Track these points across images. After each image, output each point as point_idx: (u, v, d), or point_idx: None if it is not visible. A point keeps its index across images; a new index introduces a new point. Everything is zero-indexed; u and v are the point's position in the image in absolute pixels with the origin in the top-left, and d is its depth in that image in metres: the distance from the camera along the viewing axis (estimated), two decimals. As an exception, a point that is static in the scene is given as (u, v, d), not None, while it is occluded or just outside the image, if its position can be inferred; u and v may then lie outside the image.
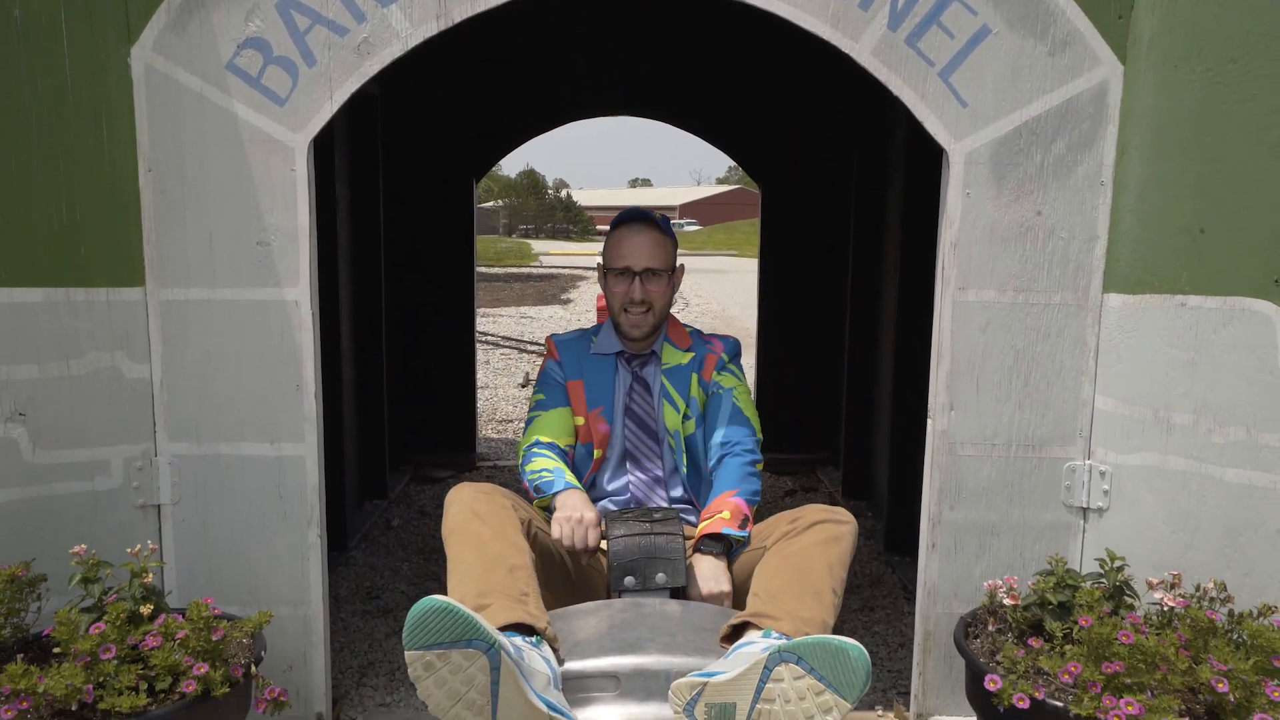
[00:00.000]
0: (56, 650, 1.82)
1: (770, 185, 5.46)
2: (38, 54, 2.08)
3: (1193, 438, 2.15)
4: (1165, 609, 1.96)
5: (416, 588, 3.65)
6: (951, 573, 2.42)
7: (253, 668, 1.93)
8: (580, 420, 2.31)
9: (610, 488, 2.32)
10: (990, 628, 2.15)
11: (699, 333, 2.42)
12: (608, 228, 2.40)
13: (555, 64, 5.20)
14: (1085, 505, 2.36)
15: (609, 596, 2.07)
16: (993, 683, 1.87)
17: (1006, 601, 2.10)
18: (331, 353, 3.83)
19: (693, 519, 2.28)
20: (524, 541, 1.92)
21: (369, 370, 4.50)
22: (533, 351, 10.48)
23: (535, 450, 2.25)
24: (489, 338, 11.25)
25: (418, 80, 4.91)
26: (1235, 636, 1.88)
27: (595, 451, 2.30)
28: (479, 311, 5.60)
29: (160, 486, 2.32)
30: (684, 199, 68.29)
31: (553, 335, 2.44)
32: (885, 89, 2.27)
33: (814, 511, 2.04)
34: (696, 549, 2.11)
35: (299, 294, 2.29)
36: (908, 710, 2.59)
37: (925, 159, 2.95)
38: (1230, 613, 1.92)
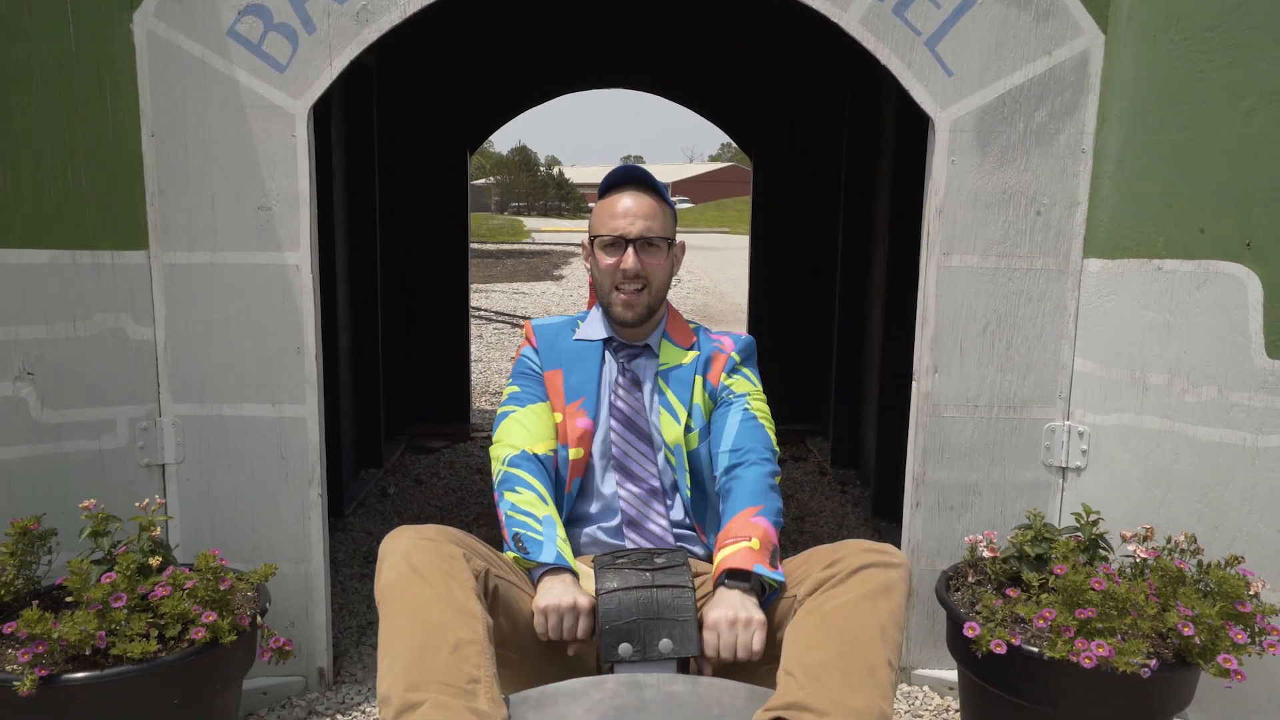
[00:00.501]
0: (69, 599, 1.88)
1: (762, 158, 5.51)
2: (41, 19, 2.11)
3: (1167, 398, 2.22)
4: (1138, 560, 2.04)
5: (413, 552, 3.71)
6: (935, 530, 2.50)
7: (258, 618, 1.99)
8: (559, 417, 1.91)
9: (594, 508, 1.88)
10: (970, 579, 2.23)
11: (705, 329, 2.01)
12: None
13: (549, 36, 5.22)
14: (1064, 465, 2.44)
15: (598, 668, 1.64)
16: (971, 630, 1.95)
17: (986, 555, 2.18)
18: (328, 321, 3.88)
19: (697, 550, 1.88)
20: (476, 605, 1.50)
21: (364, 339, 4.56)
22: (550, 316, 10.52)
23: (514, 473, 1.80)
24: (482, 312, 11.30)
25: (413, 52, 4.93)
26: (1203, 585, 1.96)
27: (573, 451, 1.87)
28: (471, 287, 5.64)
29: (165, 446, 2.38)
30: (676, 176, 68.09)
31: (531, 320, 2.04)
32: (874, 59, 2.32)
33: (856, 551, 1.58)
34: (719, 583, 1.65)
35: (300, 258, 2.34)
36: (892, 664, 2.68)
37: (914, 129, 3.01)
38: (1199, 564, 2.00)
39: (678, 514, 1.88)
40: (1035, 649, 1.90)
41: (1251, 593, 1.88)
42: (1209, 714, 2.24)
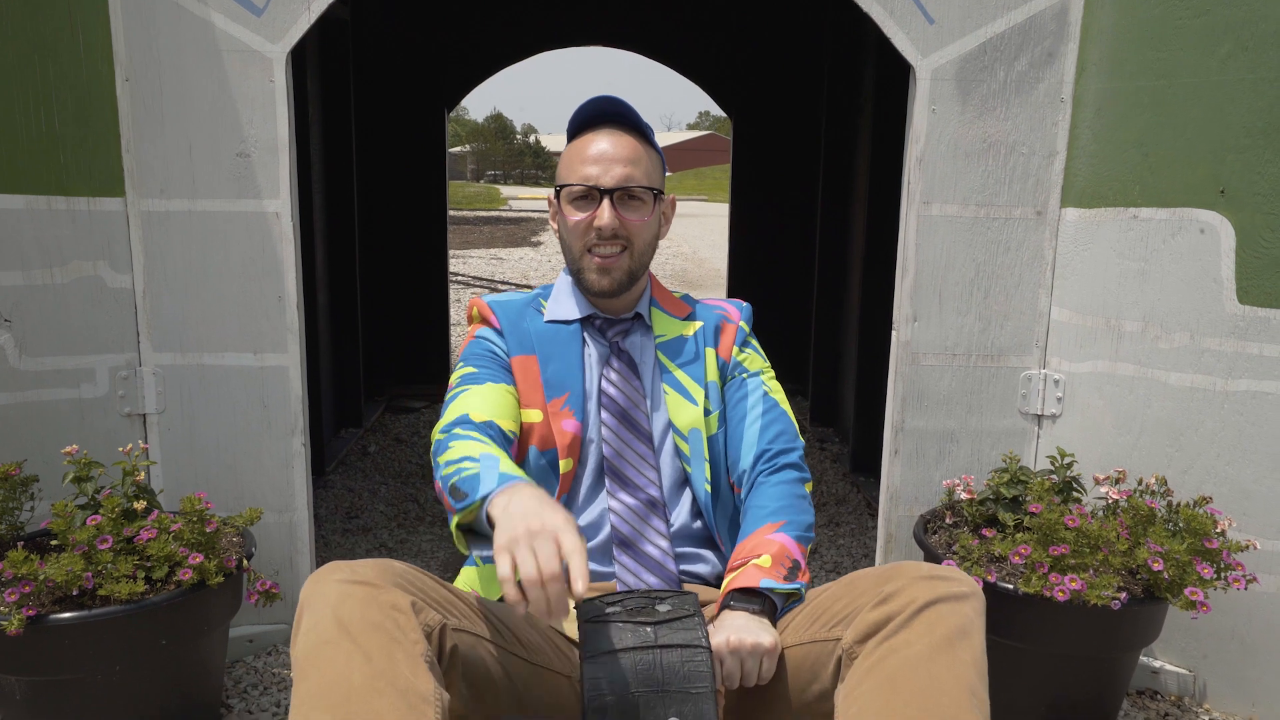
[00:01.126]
0: (54, 543, 1.88)
1: (742, 116, 5.50)
2: (11, -42, 2.07)
3: (1141, 344, 2.26)
4: (1110, 501, 2.09)
5: (395, 508, 3.73)
6: (913, 477, 2.54)
7: (245, 561, 2.00)
8: (535, 416, 1.51)
9: (580, 523, 1.50)
10: (948, 522, 2.27)
11: (692, 297, 1.71)
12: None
13: (527, -8, 5.16)
14: (1040, 412, 2.48)
15: None
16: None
17: (963, 497, 2.22)
18: (307, 278, 3.86)
19: (702, 570, 1.53)
20: (427, 682, 1.10)
21: (343, 297, 4.53)
22: (504, 291, 10.49)
23: (459, 432, 1.40)
24: (460, 277, 11.24)
25: (389, 5, 4.86)
26: (1172, 524, 2.01)
27: (562, 463, 1.48)
28: (449, 253, 5.62)
29: (145, 396, 2.37)
30: (654, 144, 67.48)
31: (482, 296, 1.64)
32: (856, 7, 2.32)
33: (914, 581, 1.23)
34: (724, 605, 1.39)
35: (280, 206, 2.32)
36: (869, 610, 2.73)
37: (895, 83, 3.01)
38: (1169, 504, 2.06)
39: (682, 518, 1.52)
40: (1010, 585, 1.94)
41: (1219, 530, 1.93)
42: (1175, 652, 2.31)
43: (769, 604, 1.37)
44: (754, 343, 1.69)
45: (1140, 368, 2.27)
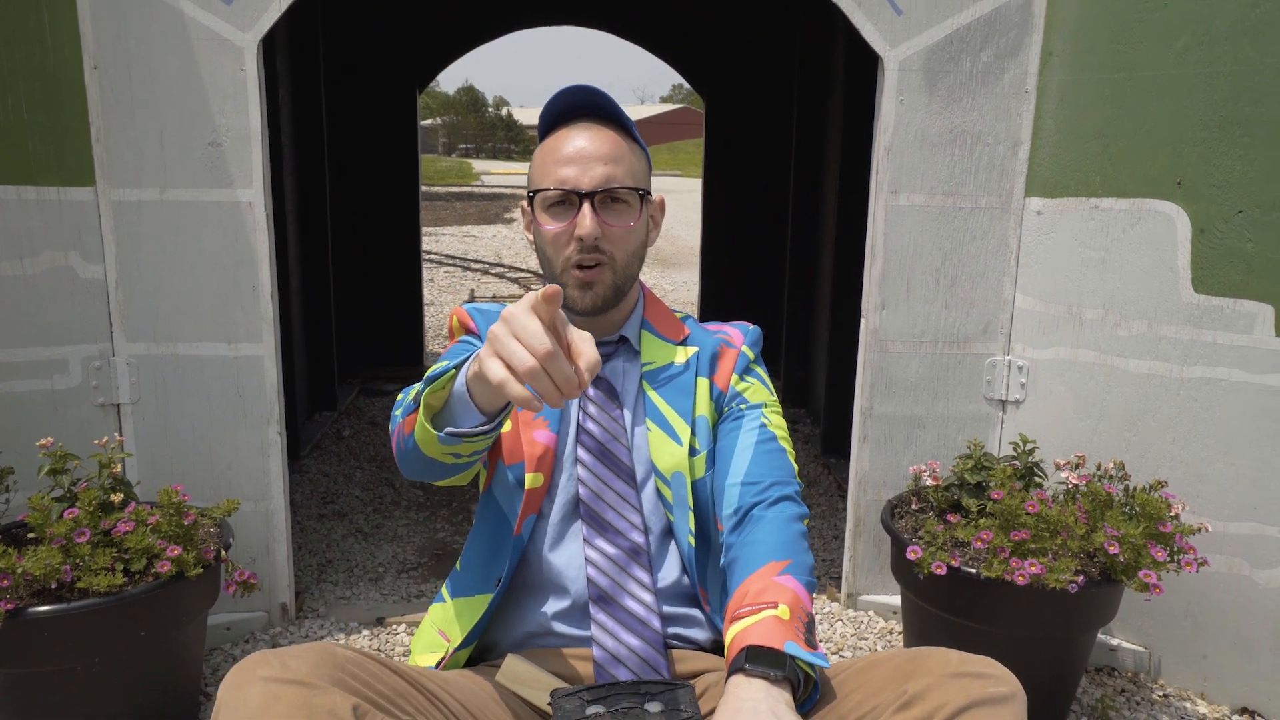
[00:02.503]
0: (30, 536, 1.89)
1: (714, 97, 5.51)
2: (-26, -54, 2.04)
3: (1101, 331, 2.32)
4: (1070, 486, 2.15)
5: (370, 493, 3.75)
6: (881, 462, 2.59)
7: (223, 551, 2.02)
8: (504, 425, 1.27)
9: (544, 575, 1.32)
10: (914, 507, 2.33)
11: (694, 320, 1.50)
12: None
13: (498, -29, 5.13)
14: (1004, 398, 2.54)
15: None
16: (913, 553, 2.05)
17: (929, 483, 2.28)
18: (279, 262, 3.84)
19: (696, 635, 1.33)
20: None
21: (316, 281, 4.52)
22: (477, 269, 10.46)
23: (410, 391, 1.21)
24: (432, 256, 11.19)
25: (357, -14, 4.82)
26: (1129, 508, 2.08)
27: (530, 477, 1.31)
28: (421, 231, 5.60)
29: (119, 386, 2.37)
30: (628, 118, 67.11)
31: (464, 305, 1.46)
32: (825, -3, 2.34)
33: (945, 682, 1.03)
34: (735, 668, 1.11)
35: (253, 195, 2.32)
36: (839, 591, 2.80)
37: (865, 68, 3.04)
38: (1126, 488, 2.12)
39: (670, 574, 1.32)
40: (973, 570, 2.00)
41: (1172, 514, 2.00)
42: (1132, 630, 2.39)
43: (791, 671, 1.10)
44: (759, 370, 1.46)
45: (1100, 354, 2.33)
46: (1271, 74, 1.99)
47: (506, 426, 1.34)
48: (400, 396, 1.23)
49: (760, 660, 1.09)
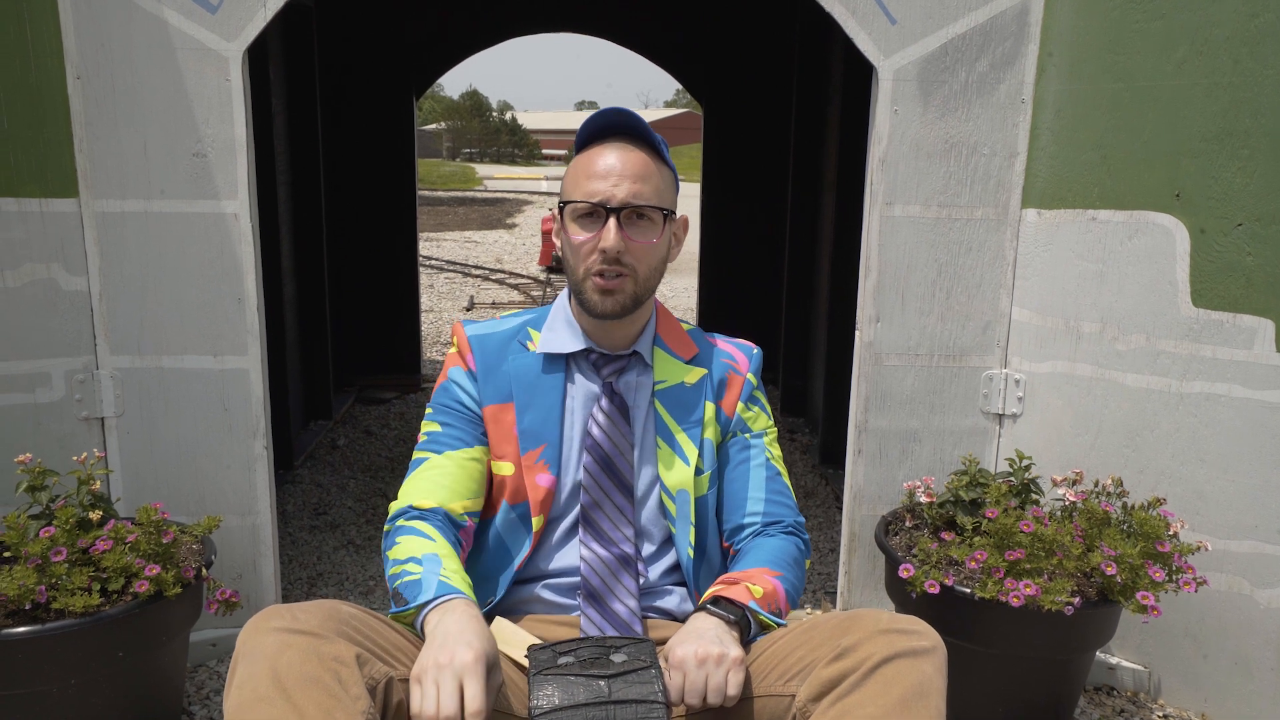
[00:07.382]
0: (6, 554, 1.86)
1: (712, 105, 5.48)
2: (-45, -45, 2.02)
3: (1099, 345, 2.29)
4: (1067, 503, 2.11)
5: (363, 504, 3.72)
6: (876, 477, 2.56)
7: (204, 570, 1.99)
8: (507, 468, 1.45)
9: (546, 566, 1.47)
10: (908, 524, 2.29)
11: (702, 334, 1.59)
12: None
13: (495, -22, 5.11)
14: (1001, 412, 2.50)
15: None
16: (906, 571, 2.01)
17: (923, 500, 2.24)
18: (272, 271, 3.81)
19: (673, 604, 1.48)
20: None
21: (310, 289, 4.49)
22: (478, 276, 10.44)
23: (405, 524, 1.39)
24: (433, 261, 11.16)
25: (354, -7, 4.80)
26: (1127, 526, 2.04)
27: (535, 520, 1.43)
28: (422, 236, 5.57)
29: (103, 399, 2.34)
30: (631, 123, 67.05)
31: (463, 321, 1.54)
32: (819, 5, 2.31)
33: (872, 634, 1.18)
34: (699, 608, 1.34)
35: (238, 207, 2.29)
36: (834, 607, 2.76)
37: (861, 77, 3.01)
38: (1124, 505, 2.08)
39: (663, 578, 1.47)
40: (967, 590, 1.97)
41: (1171, 533, 1.96)
42: (1131, 648, 2.35)
43: (744, 623, 1.31)
44: (761, 398, 1.57)
45: (1098, 368, 2.29)
46: (1271, 86, 1.96)
47: (510, 469, 1.46)
48: (387, 527, 1.42)
49: (721, 606, 1.31)
